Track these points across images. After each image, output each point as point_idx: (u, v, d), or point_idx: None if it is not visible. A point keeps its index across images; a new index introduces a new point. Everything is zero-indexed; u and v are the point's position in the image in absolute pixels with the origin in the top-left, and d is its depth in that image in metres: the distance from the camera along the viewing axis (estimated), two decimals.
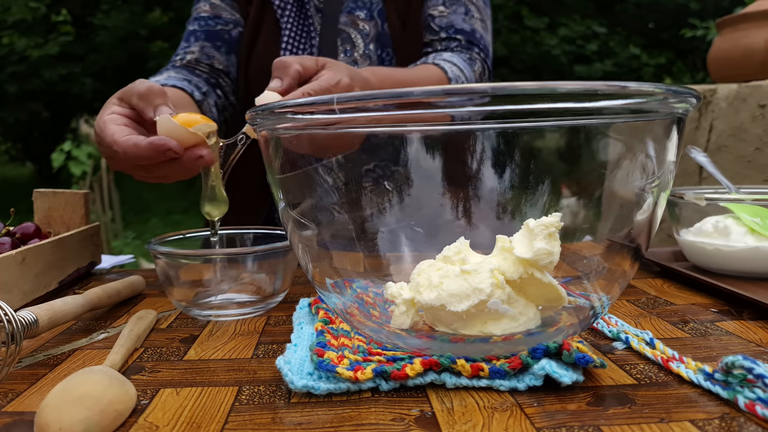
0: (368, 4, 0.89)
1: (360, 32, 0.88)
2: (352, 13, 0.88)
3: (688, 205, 0.67)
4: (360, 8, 0.89)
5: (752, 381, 0.33)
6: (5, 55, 6.55)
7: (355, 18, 0.88)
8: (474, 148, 0.36)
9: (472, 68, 0.86)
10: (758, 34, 1.35)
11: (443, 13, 0.89)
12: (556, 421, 0.32)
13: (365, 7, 0.89)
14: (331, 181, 0.40)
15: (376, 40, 0.88)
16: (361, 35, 0.88)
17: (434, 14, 0.90)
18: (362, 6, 0.89)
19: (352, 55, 0.87)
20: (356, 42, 0.88)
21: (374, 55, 0.88)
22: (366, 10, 0.88)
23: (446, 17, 0.89)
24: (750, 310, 0.51)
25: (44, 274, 0.60)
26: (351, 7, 0.89)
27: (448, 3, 0.90)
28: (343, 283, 0.42)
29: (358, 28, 0.88)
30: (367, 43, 0.88)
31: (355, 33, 0.88)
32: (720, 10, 6.15)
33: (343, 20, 0.88)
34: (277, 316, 0.53)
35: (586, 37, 6.87)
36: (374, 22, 0.88)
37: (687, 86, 0.35)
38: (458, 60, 0.84)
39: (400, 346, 0.39)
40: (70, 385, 0.33)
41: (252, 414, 0.34)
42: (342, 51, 0.88)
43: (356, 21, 0.88)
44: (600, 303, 0.39)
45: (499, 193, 0.38)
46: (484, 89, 0.31)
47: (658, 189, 0.37)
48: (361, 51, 0.87)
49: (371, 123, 0.36)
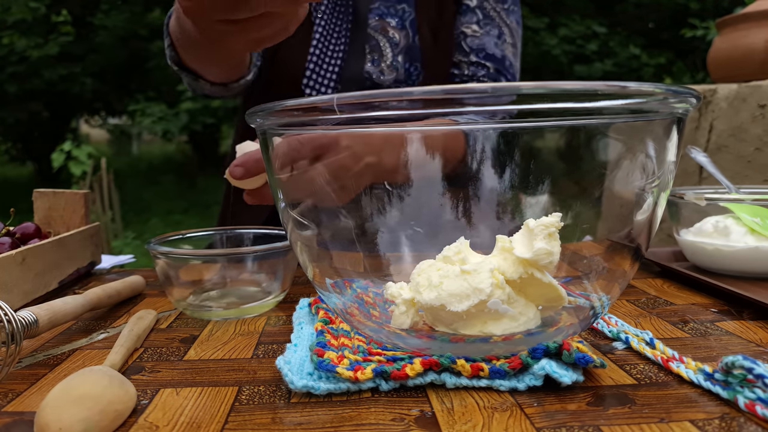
0: (400, 12, 0.85)
1: (389, 40, 0.85)
2: (383, 19, 0.85)
3: (688, 205, 0.67)
4: (392, 15, 0.85)
5: (752, 381, 0.33)
6: (5, 55, 6.56)
7: (385, 24, 0.85)
8: (474, 148, 0.36)
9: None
10: (758, 34, 1.35)
11: (476, 33, 0.86)
12: (556, 421, 0.32)
13: (397, 15, 0.85)
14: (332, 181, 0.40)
15: (405, 53, 0.85)
16: (390, 44, 0.85)
17: (467, 33, 0.87)
18: (394, 13, 0.85)
19: (379, 65, 0.84)
20: (384, 51, 0.84)
21: (401, 68, 0.85)
22: (398, 18, 0.85)
23: (479, 38, 0.86)
24: (750, 310, 0.51)
25: (44, 274, 0.60)
26: (382, 12, 0.85)
27: (482, 23, 0.86)
28: (343, 283, 0.42)
29: (387, 36, 0.85)
30: (395, 54, 0.85)
31: (384, 41, 0.85)
32: (720, 10, 6.16)
33: (373, 24, 0.85)
34: (277, 316, 0.53)
35: (586, 37, 6.87)
36: (405, 32, 0.85)
37: (687, 86, 0.35)
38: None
39: (400, 346, 0.39)
40: (70, 385, 0.33)
41: (252, 414, 0.34)
42: (369, 60, 0.85)
43: (386, 28, 0.85)
44: (600, 303, 0.39)
45: (499, 193, 0.38)
46: (484, 89, 0.31)
47: (658, 189, 0.37)
48: (389, 61, 0.84)
49: (371, 123, 0.36)
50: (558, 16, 7.01)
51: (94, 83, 7.27)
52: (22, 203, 1.04)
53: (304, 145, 0.46)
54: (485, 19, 0.87)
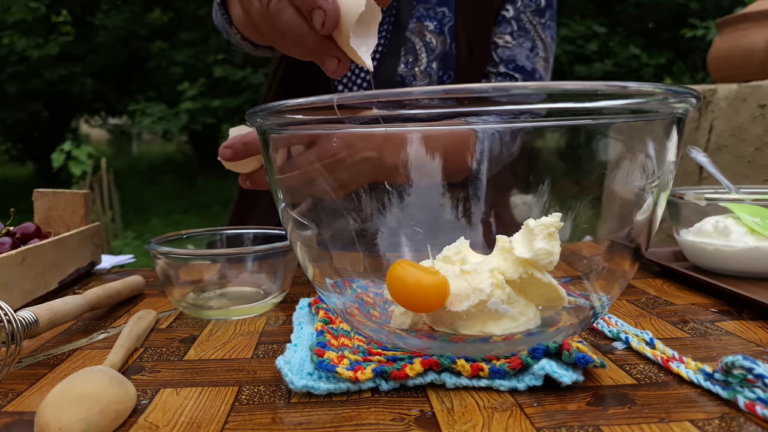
0: (439, 16, 0.84)
1: (426, 45, 0.83)
2: (422, 21, 0.83)
3: (688, 205, 0.67)
4: (430, 18, 0.83)
5: (752, 381, 0.33)
6: (5, 55, 6.56)
7: (423, 28, 0.83)
8: (474, 148, 0.36)
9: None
10: (758, 34, 1.35)
11: (508, 44, 0.84)
12: (556, 421, 0.32)
13: (436, 18, 0.83)
14: (332, 181, 0.40)
15: (440, 59, 0.83)
16: (426, 49, 0.83)
17: (499, 43, 0.85)
18: (433, 16, 0.83)
19: (412, 68, 0.83)
20: (420, 55, 0.83)
21: (435, 75, 0.84)
22: (436, 22, 0.83)
23: (510, 49, 0.84)
24: (750, 310, 0.51)
25: (44, 274, 0.60)
26: (421, 14, 0.84)
27: (516, 34, 0.84)
28: (343, 283, 0.42)
29: (425, 40, 0.83)
30: (430, 59, 0.83)
31: (420, 45, 0.83)
32: (720, 10, 6.15)
33: (411, 26, 0.84)
34: (277, 316, 0.53)
35: (586, 37, 6.87)
36: (443, 38, 0.83)
37: (687, 86, 0.35)
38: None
39: (400, 346, 0.39)
40: (70, 385, 0.33)
41: (252, 414, 0.34)
42: (404, 62, 0.83)
43: (424, 31, 0.83)
44: (600, 303, 0.39)
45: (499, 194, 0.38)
46: (484, 89, 0.31)
47: (658, 189, 0.37)
48: (423, 66, 0.83)
49: (371, 123, 0.36)
50: (558, 16, 6.98)
51: (94, 83, 7.27)
52: (22, 203, 1.04)
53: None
54: (519, 30, 0.85)
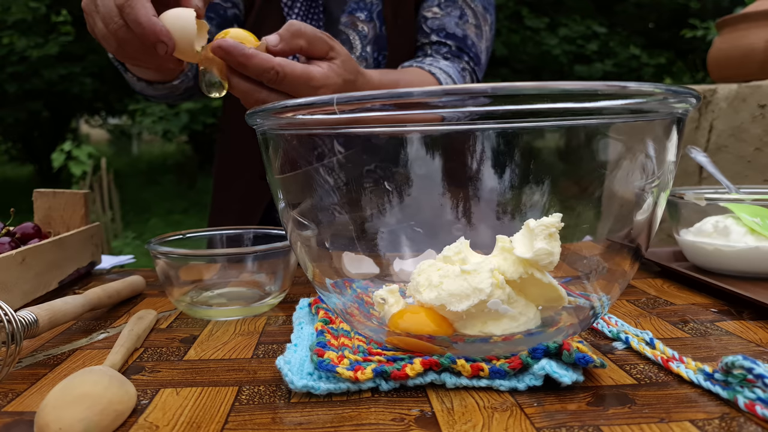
0: (369, 6, 0.88)
1: (358, 34, 0.87)
2: (353, 14, 0.88)
3: (688, 205, 0.67)
4: (361, 9, 0.88)
5: (752, 381, 0.33)
6: (5, 55, 6.55)
7: (355, 19, 0.88)
8: (474, 148, 0.36)
9: (464, 81, 0.85)
10: (758, 34, 1.35)
11: (437, 14, 0.88)
12: (556, 421, 0.32)
13: (366, 9, 0.88)
14: (332, 181, 0.40)
15: (373, 43, 0.88)
16: (359, 37, 0.87)
17: (428, 15, 0.88)
18: (363, 7, 0.88)
19: None
20: (354, 44, 0.87)
21: (371, 58, 0.87)
22: (366, 12, 0.88)
23: (439, 19, 0.88)
24: (750, 310, 0.51)
25: (44, 274, 0.60)
26: (352, 8, 0.88)
27: (443, 5, 0.88)
28: (343, 283, 0.42)
29: (356, 30, 0.87)
30: (364, 45, 0.87)
31: (353, 35, 0.87)
32: (720, 10, 6.15)
33: (344, 21, 0.88)
34: (277, 316, 0.53)
35: (586, 37, 6.87)
36: (373, 24, 0.88)
37: (687, 86, 0.35)
38: (453, 71, 0.83)
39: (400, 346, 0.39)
40: (70, 385, 0.33)
41: (252, 414, 0.34)
42: None
43: (356, 22, 0.88)
44: (600, 303, 0.39)
45: (499, 193, 0.38)
46: (484, 89, 0.31)
47: (658, 189, 0.37)
48: (358, 53, 0.87)
49: (371, 123, 0.36)
50: (558, 16, 7.01)
51: (94, 83, 7.27)
52: (22, 203, 1.04)
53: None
54: (447, 1, 0.89)
